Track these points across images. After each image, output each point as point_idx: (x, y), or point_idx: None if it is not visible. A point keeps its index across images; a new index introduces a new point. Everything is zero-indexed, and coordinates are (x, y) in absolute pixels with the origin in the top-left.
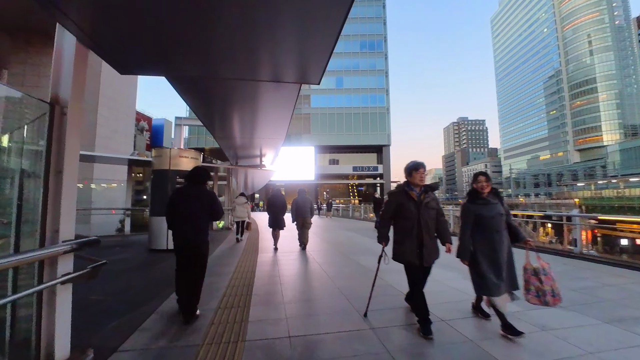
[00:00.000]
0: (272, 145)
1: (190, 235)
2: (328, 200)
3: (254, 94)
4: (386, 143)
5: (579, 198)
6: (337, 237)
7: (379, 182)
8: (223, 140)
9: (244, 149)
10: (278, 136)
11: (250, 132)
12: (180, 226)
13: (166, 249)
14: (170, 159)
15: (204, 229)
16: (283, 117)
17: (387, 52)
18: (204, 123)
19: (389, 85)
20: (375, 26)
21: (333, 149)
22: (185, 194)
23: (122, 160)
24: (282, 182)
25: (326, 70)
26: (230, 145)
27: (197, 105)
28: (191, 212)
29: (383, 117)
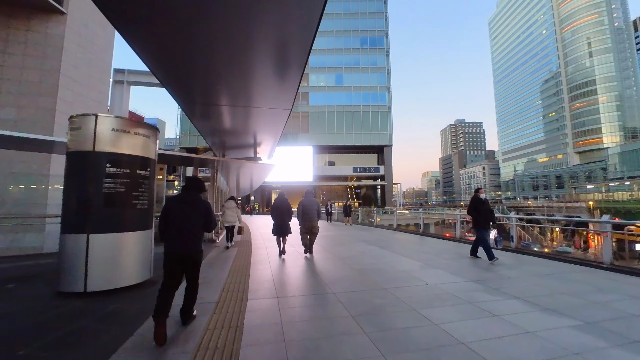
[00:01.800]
0: (273, 126)
1: (184, 244)
2: (346, 203)
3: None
4: (388, 143)
5: (590, 201)
6: (363, 257)
7: (379, 184)
8: (203, 120)
9: (234, 135)
10: (283, 104)
11: (245, 99)
12: (174, 235)
13: (84, 292)
14: (96, 133)
15: (198, 238)
16: (293, 67)
17: (389, 49)
18: (171, 89)
19: (390, 83)
20: (376, 22)
21: (332, 149)
22: (181, 202)
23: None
24: (278, 184)
25: (326, 67)
26: (215, 130)
27: (162, 60)
28: (186, 221)
29: (385, 116)
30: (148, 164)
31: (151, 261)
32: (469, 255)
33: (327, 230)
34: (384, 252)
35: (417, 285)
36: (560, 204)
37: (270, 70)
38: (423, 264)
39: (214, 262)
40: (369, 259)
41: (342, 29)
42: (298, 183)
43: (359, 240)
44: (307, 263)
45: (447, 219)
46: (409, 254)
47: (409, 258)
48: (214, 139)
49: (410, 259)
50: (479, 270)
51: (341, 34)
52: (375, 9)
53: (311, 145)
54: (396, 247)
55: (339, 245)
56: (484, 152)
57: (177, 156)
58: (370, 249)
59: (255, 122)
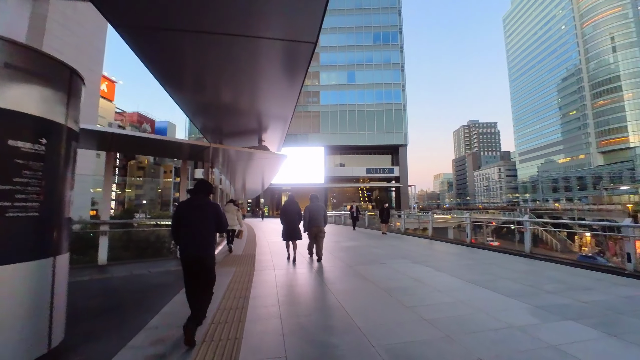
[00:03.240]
0: (283, 102)
1: (196, 248)
2: (384, 207)
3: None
4: (403, 143)
5: (627, 203)
6: (426, 290)
7: (394, 186)
8: (184, 92)
9: (232, 115)
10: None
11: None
12: (186, 239)
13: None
14: None
15: (209, 242)
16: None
17: (403, 45)
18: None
19: (405, 80)
20: (389, 17)
21: (344, 149)
22: (191, 206)
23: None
24: (288, 186)
25: (337, 65)
26: (207, 105)
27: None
28: (197, 224)
29: (399, 115)
30: (43, 131)
31: (55, 315)
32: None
33: (352, 239)
34: (452, 280)
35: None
36: (592, 207)
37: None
38: (540, 310)
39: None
40: (437, 294)
41: (353, 25)
42: (309, 185)
43: (396, 255)
44: (333, 301)
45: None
46: (496, 285)
47: (502, 294)
48: (206, 122)
49: (508, 296)
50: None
51: (353, 31)
52: (388, 4)
53: (322, 145)
54: (462, 271)
55: (373, 263)
56: (499, 153)
57: (142, 139)
58: (424, 272)
59: (261, 92)
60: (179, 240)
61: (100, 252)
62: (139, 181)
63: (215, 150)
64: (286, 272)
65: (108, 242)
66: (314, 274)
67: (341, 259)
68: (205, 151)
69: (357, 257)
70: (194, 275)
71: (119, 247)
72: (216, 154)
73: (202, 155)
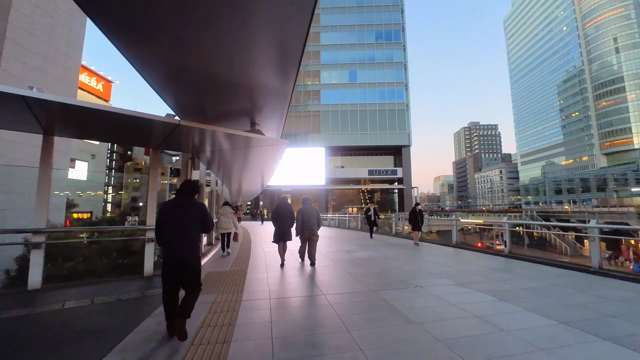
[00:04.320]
0: (282, 68)
1: (180, 249)
2: (417, 209)
3: None
4: (406, 143)
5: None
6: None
7: (397, 188)
8: (150, 46)
9: (217, 89)
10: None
11: None
12: (170, 240)
13: None
14: None
15: (194, 243)
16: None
17: (406, 43)
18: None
19: (408, 79)
20: (392, 15)
21: (345, 150)
22: (177, 206)
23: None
24: (288, 188)
25: (338, 63)
26: (180, 69)
27: None
28: (182, 225)
29: (402, 114)
30: None
31: None
32: None
33: (366, 247)
34: (539, 320)
35: None
36: (603, 209)
37: None
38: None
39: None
40: (541, 357)
41: (355, 23)
42: (309, 187)
43: (428, 271)
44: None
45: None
46: (616, 331)
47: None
48: (180, 97)
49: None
50: None
51: (354, 29)
52: (390, 2)
53: (323, 146)
54: (536, 301)
55: (403, 285)
56: (500, 155)
57: (73, 108)
58: (485, 303)
59: (255, 52)
60: (162, 241)
61: (31, 272)
62: (136, 183)
63: (190, 132)
64: (286, 305)
65: (45, 257)
66: (327, 310)
67: (358, 278)
68: (176, 133)
69: (378, 276)
70: (176, 279)
71: (72, 262)
72: (193, 137)
73: (176, 141)
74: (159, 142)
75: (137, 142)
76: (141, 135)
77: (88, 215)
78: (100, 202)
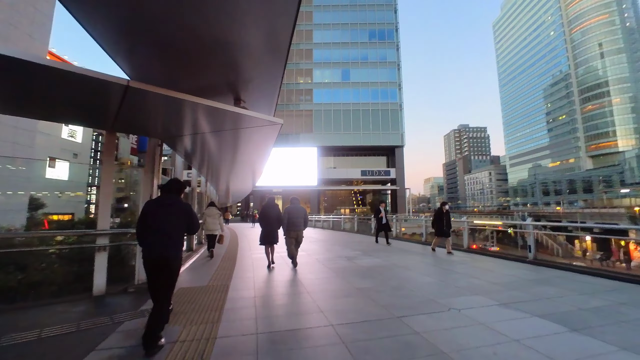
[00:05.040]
0: (274, 21)
1: (161, 248)
2: (442, 208)
3: None
4: (399, 144)
5: (628, 207)
6: None
7: (390, 189)
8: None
9: (188, 50)
10: None
11: None
12: (151, 239)
13: None
14: None
15: (177, 242)
16: None
17: (399, 43)
18: None
19: (401, 79)
20: (385, 14)
21: (338, 150)
22: (160, 205)
23: None
24: (279, 189)
25: (331, 62)
26: (139, 19)
27: None
28: (165, 224)
29: (395, 115)
30: None
31: None
32: None
33: (371, 253)
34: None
35: None
36: (594, 210)
37: None
38: None
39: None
40: None
41: (348, 21)
42: (301, 187)
43: (453, 285)
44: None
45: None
46: None
47: None
48: (139, 60)
49: None
50: None
51: (347, 27)
52: (384, 1)
53: (315, 146)
54: (611, 328)
55: (430, 307)
56: (489, 157)
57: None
58: (549, 334)
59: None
60: (144, 241)
61: None
62: (121, 183)
63: (148, 100)
64: (281, 346)
65: None
66: (341, 356)
67: (371, 297)
68: (129, 103)
69: (395, 292)
70: (155, 278)
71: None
72: (156, 111)
73: (134, 116)
74: (111, 119)
75: (80, 118)
76: (82, 108)
77: (70, 217)
78: (83, 203)
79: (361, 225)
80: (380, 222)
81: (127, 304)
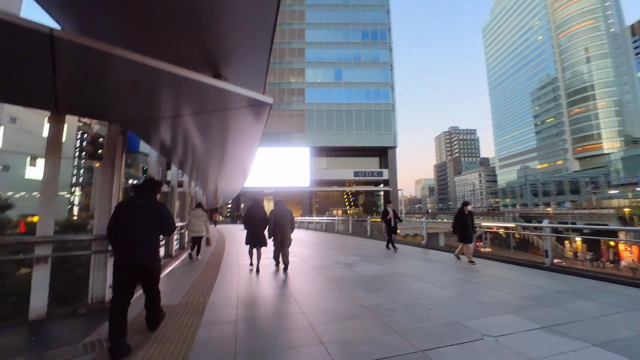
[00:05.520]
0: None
1: (136, 251)
2: (466, 210)
3: None
4: (392, 144)
5: (616, 207)
6: None
7: (383, 190)
8: None
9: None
10: None
11: None
12: (124, 242)
13: None
14: None
15: (153, 243)
16: None
17: (392, 44)
18: None
19: (394, 80)
20: (378, 15)
21: (330, 150)
22: (132, 205)
23: None
24: (270, 189)
25: (324, 61)
26: None
27: None
28: (138, 225)
29: (388, 115)
30: None
31: None
32: None
33: (370, 258)
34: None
35: None
36: (584, 211)
37: None
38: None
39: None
40: None
41: (341, 21)
42: (293, 188)
43: (476, 301)
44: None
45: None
46: None
47: None
48: (75, 14)
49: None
50: None
51: (340, 27)
52: (376, 1)
53: (307, 146)
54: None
55: (457, 336)
56: (479, 159)
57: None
58: None
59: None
60: (116, 244)
61: None
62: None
63: (85, 61)
64: None
65: None
66: None
67: (382, 319)
68: (57, 63)
69: (410, 312)
70: (127, 288)
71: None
72: (106, 81)
73: (80, 95)
74: (51, 95)
75: (9, 93)
76: (5, 77)
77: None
78: (66, 205)
79: (356, 227)
80: (389, 224)
81: (70, 332)
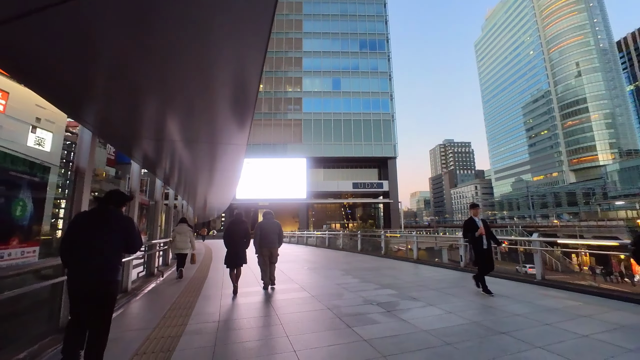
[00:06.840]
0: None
1: (92, 272)
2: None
3: None
4: (392, 155)
5: (628, 219)
6: None
7: (382, 202)
8: None
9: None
10: None
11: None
12: (79, 261)
13: None
14: None
15: (113, 265)
16: None
17: (391, 54)
18: None
19: (393, 89)
20: (376, 25)
21: (328, 161)
22: (92, 218)
23: None
24: (265, 202)
25: (321, 71)
26: None
27: None
28: (98, 242)
29: (388, 125)
30: None
31: None
32: None
33: (411, 291)
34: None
35: None
36: (591, 224)
37: None
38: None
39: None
40: None
41: (339, 31)
42: (289, 200)
43: (551, 345)
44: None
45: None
46: None
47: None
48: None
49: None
50: None
51: (338, 36)
52: (374, 12)
53: (305, 157)
54: None
55: None
56: (474, 172)
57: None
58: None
59: None
60: (69, 261)
61: None
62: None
63: None
64: None
65: None
66: None
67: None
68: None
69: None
70: (80, 307)
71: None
72: None
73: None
74: None
75: None
76: None
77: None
78: (50, 218)
79: (364, 243)
80: (480, 246)
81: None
